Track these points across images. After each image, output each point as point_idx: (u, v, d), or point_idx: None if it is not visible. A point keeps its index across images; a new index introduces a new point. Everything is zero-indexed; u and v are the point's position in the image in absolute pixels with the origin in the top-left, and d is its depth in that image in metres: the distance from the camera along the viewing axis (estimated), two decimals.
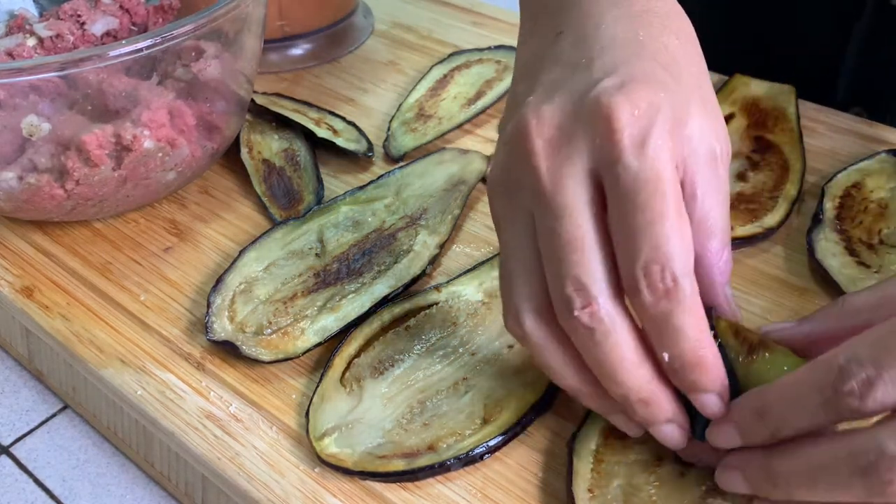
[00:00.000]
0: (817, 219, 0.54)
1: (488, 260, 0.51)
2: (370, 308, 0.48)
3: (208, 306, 0.48)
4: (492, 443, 0.41)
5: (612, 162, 0.35)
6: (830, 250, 0.52)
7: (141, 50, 0.47)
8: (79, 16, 0.58)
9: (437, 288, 0.49)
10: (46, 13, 0.61)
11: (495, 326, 0.47)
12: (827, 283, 0.51)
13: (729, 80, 0.65)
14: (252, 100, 0.62)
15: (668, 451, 0.39)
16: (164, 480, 0.46)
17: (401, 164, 0.59)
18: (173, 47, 0.50)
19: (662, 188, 0.34)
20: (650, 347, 0.37)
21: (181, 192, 0.59)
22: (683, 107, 0.37)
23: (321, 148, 0.61)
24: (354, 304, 0.48)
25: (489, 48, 0.71)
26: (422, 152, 0.60)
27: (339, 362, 0.45)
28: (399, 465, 0.41)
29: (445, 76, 0.69)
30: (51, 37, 0.57)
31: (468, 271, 0.50)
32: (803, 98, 0.64)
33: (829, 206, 0.54)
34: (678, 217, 0.35)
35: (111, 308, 0.50)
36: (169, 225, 0.56)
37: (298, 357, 0.46)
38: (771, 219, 0.54)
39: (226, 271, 0.50)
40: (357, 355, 0.46)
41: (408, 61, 0.73)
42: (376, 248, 0.52)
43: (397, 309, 0.48)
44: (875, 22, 0.67)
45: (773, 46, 0.70)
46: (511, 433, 0.42)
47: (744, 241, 0.53)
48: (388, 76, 0.71)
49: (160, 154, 0.52)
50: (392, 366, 0.45)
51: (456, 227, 0.55)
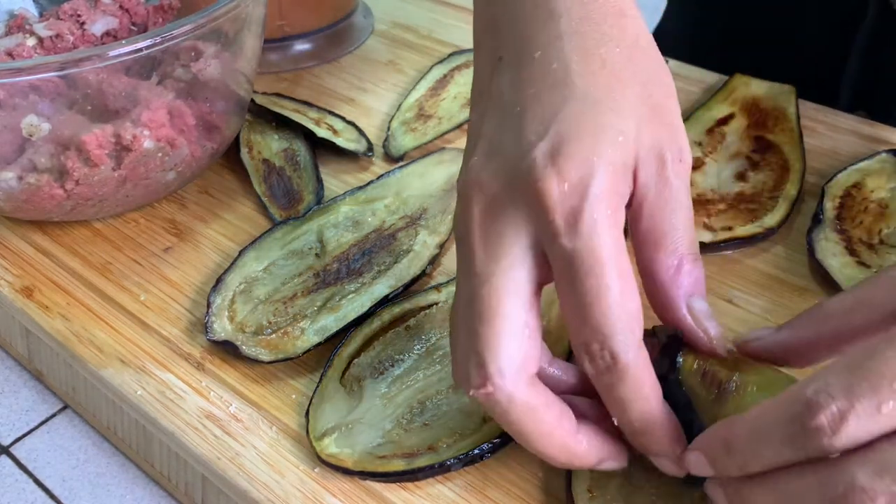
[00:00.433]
0: (817, 219, 0.53)
1: None
2: (370, 308, 0.48)
3: (208, 306, 0.48)
4: (492, 442, 0.41)
5: (548, 239, 0.35)
6: (830, 250, 0.52)
7: (141, 50, 0.47)
8: (78, 16, 0.58)
9: (437, 288, 0.49)
10: (46, 13, 0.61)
11: None
12: (827, 283, 0.51)
13: (729, 80, 0.65)
14: (252, 100, 0.62)
15: None
16: (164, 480, 0.46)
17: (401, 164, 0.59)
18: (173, 47, 0.50)
19: (598, 267, 0.34)
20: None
21: (181, 192, 0.59)
22: (628, 130, 0.36)
23: (321, 148, 0.61)
24: (354, 304, 0.48)
25: None
26: (422, 152, 0.60)
27: (339, 362, 0.45)
28: (399, 465, 0.41)
29: (445, 76, 0.69)
30: (50, 37, 0.57)
31: None
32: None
33: (830, 206, 0.54)
34: (619, 292, 0.34)
35: (111, 308, 0.50)
36: (169, 225, 0.56)
37: (298, 357, 0.46)
38: (771, 219, 0.54)
39: (226, 271, 0.50)
40: (357, 355, 0.46)
41: (408, 61, 0.72)
42: (376, 248, 0.52)
43: (397, 309, 0.48)
44: (878, 26, 0.67)
45: (775, 52, 0.70)
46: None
47: (744, 241, 0.53)
48: (388, 76, 0.71)
49: (160, 154, 0.52)
50: (392, 366, 0.45)
51: None
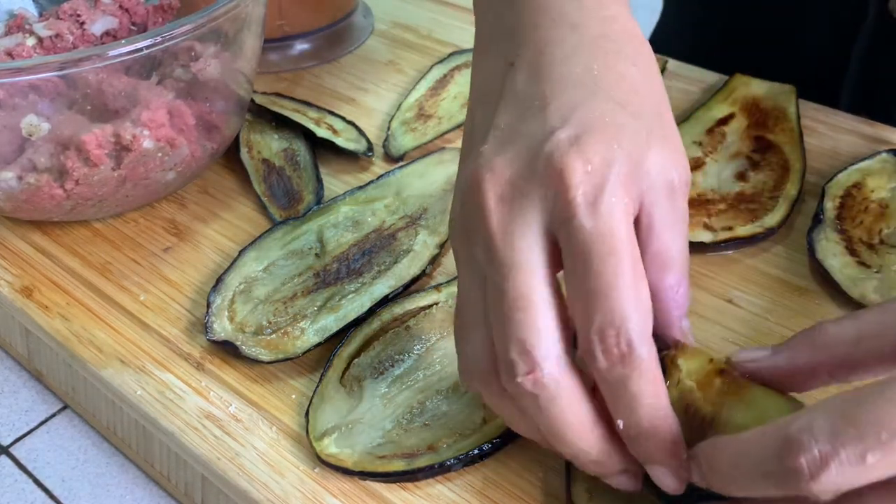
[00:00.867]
0: (818, 219, 0.53)
1: None
2: (370, 308, 0.48)
3: (208, 306, 0.48)
4: (492, 443, 0.41)
5: (566, 220, 0.34)
6: (831, 250, 0.52)
7: (140, 50, 0.47)
8: (78, 15, 0.58)
9: (437, 288, 0.49)
10: (46, 13, 0.61)
11: None
12: (827, 283, 0.51)
13: (729, 80, 0.65)
14: (252, 99, 0.62)
15: None
16: (164, 480, 0.46)
17: (401, 164, 0.59)
18: (173, 47, 0.50)
19: (617, 248, 0.33)
20: (605, 409, 0.35)
21: (181, 192, 0.59)
22: (642, 141, 0.36)
23: (321, 148, 0.61)
24: (354, 304, 0.48)
25: None
26: (422, 152, 0.60)
27: (339, 362, 0.45)
28: (399, 465, 0.41)
29: (445, 76, 0.68)
30: (50, 36, 0.57)
31: None
32: None
33: (830, 206, 0.54)
34: (634, 278, 0.33)
35: (111, 308, 0.50)
36: (169, 225, 0.56)
37: (298, 357, 0.46)
38: (771, 219, 0.54)
39: (225, 271, 0.50)
40: (357, 355, 0.46)
41: (408, 61, 0.72)
42: (376, 248, 0.52)
43: (397, 309, 0.48)
44: (877, 30, 0.67)
45: (775, 55, 0.70)
46: (511, 433, 0.42)
47: (744, 241, 0.53)
48: (388, 76, 0.71)
49: (160, 154, 0.52)
50: (392, 366, 0.45)
51: None
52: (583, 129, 0.35)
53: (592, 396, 0.35)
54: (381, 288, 0.49)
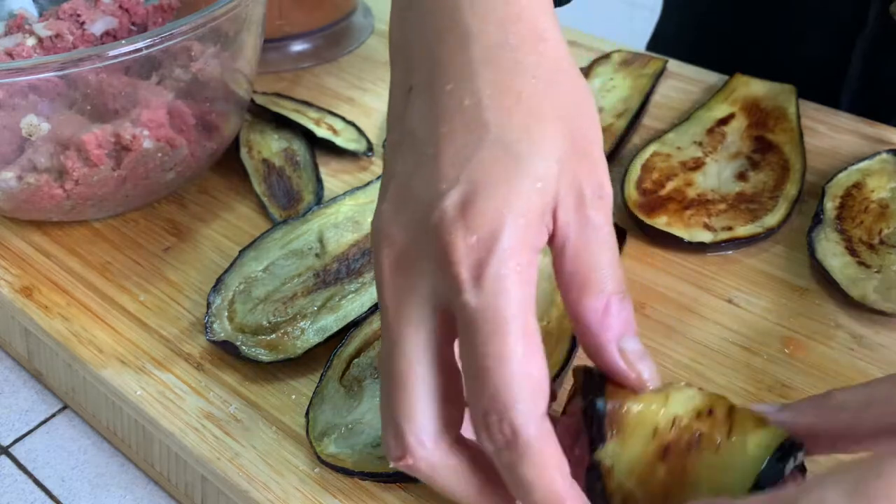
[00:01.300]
0: (818, 219, 0.53)
1: None
2: (370, 308, 0.48)
3: (208, 306, 0.48)
4: None
5: (453, 296, 0.32)
6: (831, 250, 0.52)
7: (140, 49, 0.47)
8: (78, 15, 0.58)
9: None
10: (46, 13, 0.61)
11: None
12: (827, 283, 0.51)
13: (729, 80, 0.65)
14: (251, 99, 0.62)
15: None
16: (164, 481, 0.46)
17: None
18: (173, 47, 0.50)
19: (502, 327, 0.31)
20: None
21: (180, 192, 0.59)
22: (550, 165, 0.33)
23: (321, 148, 0.61)
24: (354, 304, 0.48)
25: None
26: None
27: (339, 362, 0.45)
28: None
29: None
30: (50, 36, 0.57)
31: None
32: None
33: (830, 206, 0.54)
34: (523, 356, 0.31)
35: (110, 308, 0.50)
36: (168, 225, 0.56)
37: (298, 357, 0.46)
38: (771, 219, 0.54)
39: (225, 271, 0.50)
40: (357, 355, 0.46)
41: None
42: None
43: None
44: (878, 35, 0.67)
45: (776, 60, 0.70)
46: None
47: (744, 241, 0.53)
48: (388, 76, 0.70)
49: (159, 154, 0.52)
50: None
51: None
52: (471, 192, 0.33)
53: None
54: None
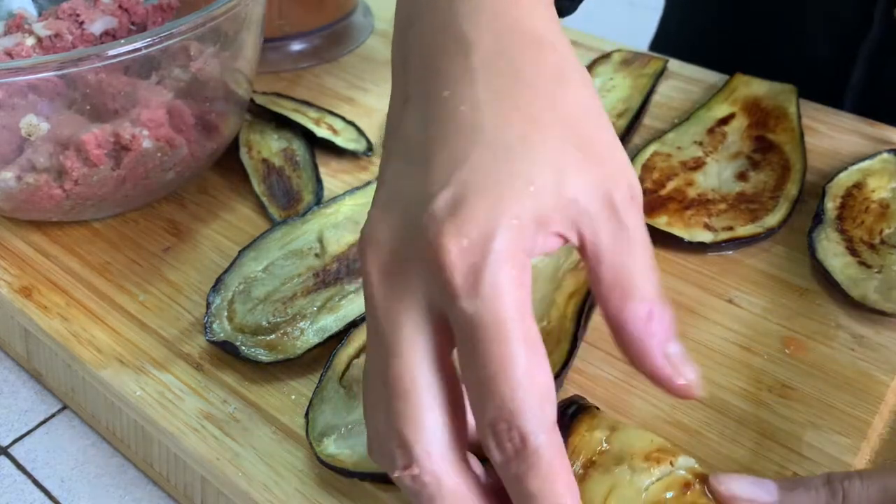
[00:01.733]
0: (818, 219, 0.53)
1: None
2: None
3: (207, 307, 0.48)
4: None
5: (448, 303, 0.31)
6: (832, 250, 0.51)
7: (139, 49, 0.47)
8: (77, 15, 0.58)
9: None
10: (45, 12, 0.61)
11: None
12: (828, 284, 0.50)
13: (730, 80, 0.65)
14: (251, 99, 0.62)
15: None
16: (163, 481, 0.46)
17: None
18: (172, 47, 0.50)
19: (504, 333, 0.30)
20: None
21: (180, 192, 0.59)
22: (545, 170, 0.32)
23: (320, 148, 0.61)
24: (354, 305, 0.48)
25: None
26: None
27: (339, 363, 0.45)
28: None
29: None
30: (49, 36, 0.57)
31: None
32: None
33: (831, 206, 0.54)
34: (527, 362, 0.30)
35: (110, 308, 0.50)
36: (168, 225, 0.56)
37: (298, 358, 0.46)
38: (772, 219, 0.54)
39: (225, 271, 0.50)
40: (357, 356, 0.46)
41: None
42: None
43: None
44: (882, 38, 0.67)
45: (777, 62, 0.70)
46: None
47: (744, 241, 0.53)
48: (388, 75, 0.70)
49: (159, 154, 0.52)
50: None
51: None
52: (461, 194, 0.31)
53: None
54: None
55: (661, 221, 0.54)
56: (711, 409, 0.44)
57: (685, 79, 0.68)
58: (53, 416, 0.50)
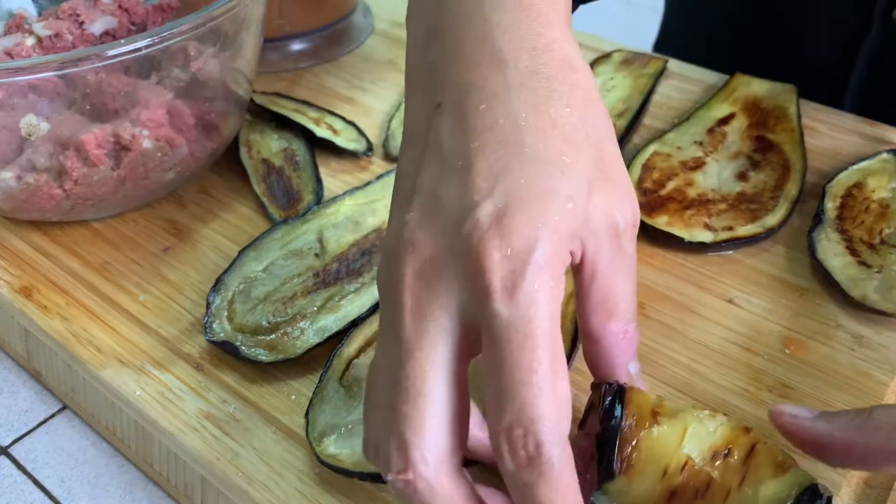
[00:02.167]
0: (818, 219, 0.53)
1: None
2: (370, 308, 0.48)
3: (207, 307, 0.48)
4: None
5: (483, 306, 0.32)
6: (832, 250, 0.51)
7: (140, 49, 0.47)
8: (77, 15, 0.58)
9: None
10: (45, 12, 0.61)
11: None
12: (828, 283, 0.50)
13: (730, 80, 0.65)
14: (251, 99, 0.62)
15: None
16: (163, 481, 0.46)
17: None
18: (172, 47, 0.50)
19: (534, 340, 0.31)
20: None
21: (180, 192, 0.59)
22: (581, 189, 0.34)
23: (320, 147, 0.61)
24: (354, 305, 0.48)
25: None
26: None
27: (339, 363, 0.45)
28: None
29: None
30: (49, 36, 0.57)
31: None
32: None
33: (831, 206, 0.54)
34: (552, 373, 0.31)
35: (110, 308, 0.50)
36: (168, 225, 0.56)
37: (298, 357, 0.46)
38: (772, 218, 0.54)
39: (225, 271, 0.50)
40: (357, 356, 0.46)
41: None
42: (376, 249, 0.52)
43: None
44: (882, 40, 0.67)
45: (777, 62, 0.70)
46: None
47: (744, 241, 0.53)
48: (388, 75, 0.71)
49: (159, 154, 0.52)
50: None
51: None
52: (505, 205, 0.32)
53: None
54: None
55: (661, 221, 0.54)
56: (711, 409, 0.44)
57: (685, 79, 0.68)
58: (53, 416, 0.50)
